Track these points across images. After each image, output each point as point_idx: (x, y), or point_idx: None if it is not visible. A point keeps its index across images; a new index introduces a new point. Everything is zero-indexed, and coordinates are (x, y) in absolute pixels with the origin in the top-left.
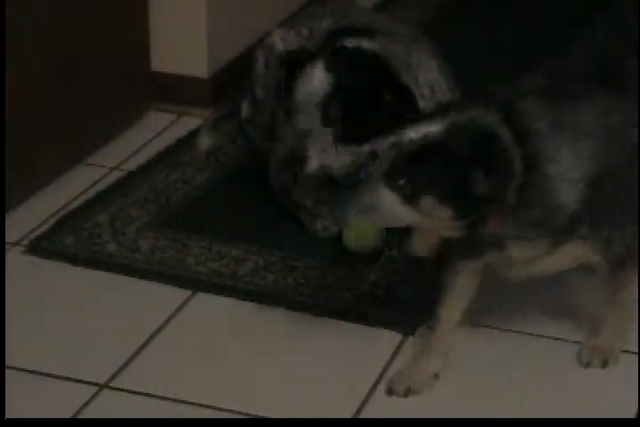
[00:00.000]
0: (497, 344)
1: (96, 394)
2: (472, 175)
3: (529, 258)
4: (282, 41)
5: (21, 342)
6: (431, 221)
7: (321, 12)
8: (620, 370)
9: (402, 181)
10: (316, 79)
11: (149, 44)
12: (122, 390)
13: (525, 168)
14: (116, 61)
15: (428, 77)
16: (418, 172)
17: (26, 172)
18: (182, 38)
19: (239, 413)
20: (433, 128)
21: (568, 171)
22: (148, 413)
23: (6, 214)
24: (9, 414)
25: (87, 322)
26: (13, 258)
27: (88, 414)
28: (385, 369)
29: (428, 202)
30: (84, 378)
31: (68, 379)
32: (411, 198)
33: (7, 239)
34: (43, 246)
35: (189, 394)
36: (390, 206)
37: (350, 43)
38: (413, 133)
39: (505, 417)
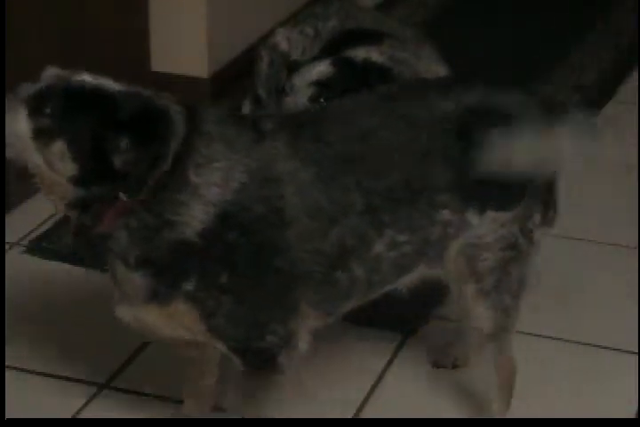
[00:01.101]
0: None
1: (96, 394)
2: (118, 142)
3: (130, 305)
4: (286, 40)
5: (21, 342)
6: (54, 175)
7: (326, 11)
8: (620, 370)
9: (45, 111)
10: (317, 71)
11: (149, 44)
12: (122, 390)
13: (173, 167)
14: (116, 61)
15: None
16: (61, 109)
17: (26, 172)
18: (182, 38)
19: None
20: (116, 86)
21: (209, 189)
22: (148, 413)
23: (6, 214)
24: (9, 415)
25: (87, 322)
26: (13, 258)
27: (88, 414)
28: (385, 369)
29: (57, 146)
30: (84, 378)
31: (68, 379)
32: (41, 134)
33: (7, 239)
34: (43, 246)
35: None
36: (21, 134)
37: (360, 53)
38: (89, 77)
39: (505, 417)
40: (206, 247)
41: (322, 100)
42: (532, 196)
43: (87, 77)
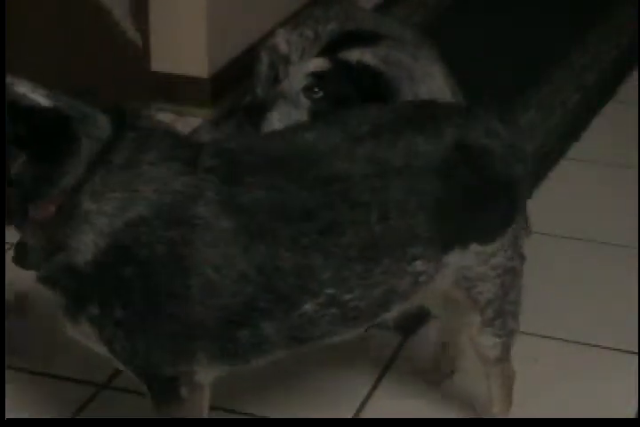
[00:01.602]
0: None
1: (96, 394)
2: (16, 154)
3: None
4: (285, 42)
5: (21, 342)
6: None
7: (326, 14)
8: (620, 370)
9: None
10: (313, 64)
11: (149, 44)
12: (122, 390)
13: (73, 192)
14: (116, 61)
15: (431, 87)
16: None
17: None
18: (182, 38)
19: (239, 413)
20: (44, 100)
21: (99, 218)
22: (148, 413)
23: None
24: (9, 415)
25: None
26: None
27: (88, 414)
28: (385, 369)
29: None
30: (84, 378)
31: (68, 379)
32: None
33: (7, 239)
34: None
35: None
36: None
37: (354, 55)
38: (22, 88)
39: (505, 417)
40: (99, 277)
41: (316, 89)
42: (520, 218)
43: (20, 88)
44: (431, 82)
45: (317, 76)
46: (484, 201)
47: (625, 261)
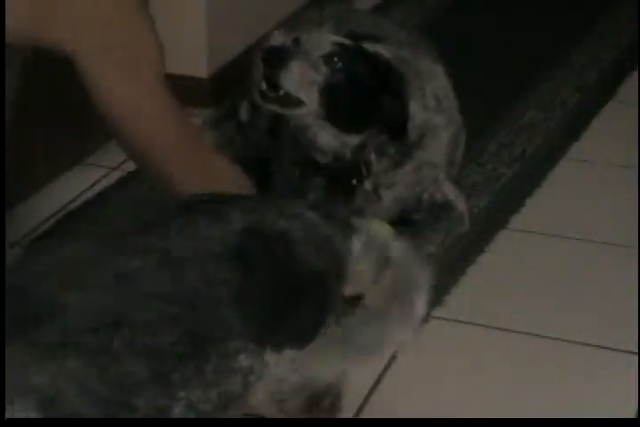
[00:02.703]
0: (497, 344)
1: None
2: None
3: None
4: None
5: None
6: None
7: (320, 16)
8: (620, 370)
9: None
10: (335, 38)
11: None
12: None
13: None
14: None
15: (435, 87)
16: None
17: (26, 172)
18: (182, 38)
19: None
20: None
21: None
22: None
23: (6, 214)
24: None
25: None
26: (13, 258)
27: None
28: (385, 369)
29: None
30: None
31: None
32: None
33: (7, 239)
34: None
35: None
36: None
37: (369, 47)
38: None
39: (505, 417)
40: None
41: (336, 59)
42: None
43: None
44: (435, 82)
45: (340, 47)
46: (287, 293)
47: (625, 261)
